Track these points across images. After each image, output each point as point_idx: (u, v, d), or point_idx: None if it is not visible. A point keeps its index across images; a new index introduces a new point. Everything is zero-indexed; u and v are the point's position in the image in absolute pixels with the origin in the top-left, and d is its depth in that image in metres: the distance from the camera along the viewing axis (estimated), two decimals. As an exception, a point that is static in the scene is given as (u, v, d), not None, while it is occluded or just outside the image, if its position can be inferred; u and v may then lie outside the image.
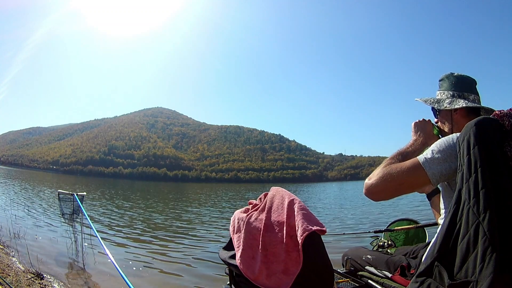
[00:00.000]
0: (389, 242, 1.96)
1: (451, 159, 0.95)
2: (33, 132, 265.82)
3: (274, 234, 1.10)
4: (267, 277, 1.06)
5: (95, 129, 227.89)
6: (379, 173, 1.02)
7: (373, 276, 1.49)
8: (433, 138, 1.21)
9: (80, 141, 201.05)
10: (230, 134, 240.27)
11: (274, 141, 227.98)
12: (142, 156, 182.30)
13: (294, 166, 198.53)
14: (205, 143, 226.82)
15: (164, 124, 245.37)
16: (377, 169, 1.06)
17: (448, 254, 0.81)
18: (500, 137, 0.85)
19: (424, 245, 1.49)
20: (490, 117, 0.91)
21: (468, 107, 1.20)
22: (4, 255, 4.36)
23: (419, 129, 1.26)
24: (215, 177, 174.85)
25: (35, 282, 3.35)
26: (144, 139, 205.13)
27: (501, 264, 0.71)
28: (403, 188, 0.99)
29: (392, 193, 1.01)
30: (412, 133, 1.26)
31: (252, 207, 1.27)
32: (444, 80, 1.30)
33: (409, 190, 1.01)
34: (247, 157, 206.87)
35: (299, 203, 1.11)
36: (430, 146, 1.06)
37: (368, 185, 1.03)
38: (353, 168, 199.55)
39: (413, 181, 0.98)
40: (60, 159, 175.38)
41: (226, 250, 1.26)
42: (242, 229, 1.18)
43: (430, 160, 0.97)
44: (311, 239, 1.02)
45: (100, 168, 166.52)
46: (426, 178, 0.96)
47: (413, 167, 0.98)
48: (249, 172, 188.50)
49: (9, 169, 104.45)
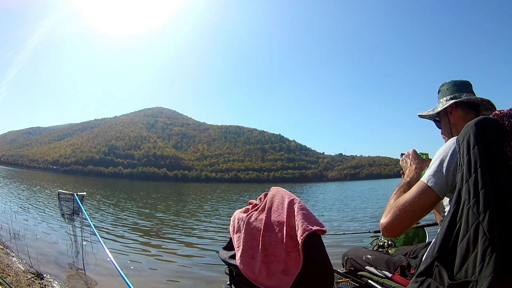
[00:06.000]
0: (389, 242, 1.96)
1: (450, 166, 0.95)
2: (33, 132, 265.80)
3: (274, 234, 1.10)
4: (267, 277, 1.06)
5: (95, 129, 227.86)
6: (391, 210, 1.01)
7: (373, 276, 1.49)
8: (425, 161, 1.23)
9: (80, 141, 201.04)
10: (230, 134, 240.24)
11: (274, 141, 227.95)
12: (142, 156, 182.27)
13: (294, 166, 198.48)
14: (205, 143, 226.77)
15: (164, 124, 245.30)
16: (386, 208, 1.05)
17: (448, 254, 0.81)
18: (500, 137, 0.85)
19: (424, 245, 1.50)
20: (490, 117, 0.91)
21: (462, 106, 1.25)
22: (4, 255, 4.36)
23: (407, 159, 1.28)
24: (215, 177, 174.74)
25: (35, 282, 3.35)
26: (144, 139, 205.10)
27: (501, 264, 0.71)
28: (418, 214, 0.98)
29: (409, 223, 1.00)
30: (404, 168, 1.28)
31: (252, 207, 1.27)
32: (440, 90, 1.37)
33: (425, 213, 1.00)
34: (247, 157, 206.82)
35: (299, 203, 1.12)
36: (425, 168, 1.07)
37: (385, 224, 1.01)
38: (353, 168, 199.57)
39: (425, 203, 0.96)
40: (60, 159, 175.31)
41: (226, 250, 1.26)
42: (242, 229, 1.18)
43: (434, 174, 0.96)
44: (311, 239, 1.02)
45: (100, 168, 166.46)
46: (435, 194, 0.95)
47: (421, 189, 0.97)
48: (249, 172, 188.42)
49: (9, 169, 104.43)
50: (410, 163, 1.25)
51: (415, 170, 1.19)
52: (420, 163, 1.22)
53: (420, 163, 1.22)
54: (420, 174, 1.14)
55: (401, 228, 1.01)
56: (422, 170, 1.17)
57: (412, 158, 1.26)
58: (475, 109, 1.28)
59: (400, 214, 0.98)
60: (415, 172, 1.19)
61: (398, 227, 1.00)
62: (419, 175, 1.15)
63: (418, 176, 1.15)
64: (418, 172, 1.18)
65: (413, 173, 1.19)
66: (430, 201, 0.96)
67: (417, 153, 1.28)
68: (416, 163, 1.22)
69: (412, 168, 1.22)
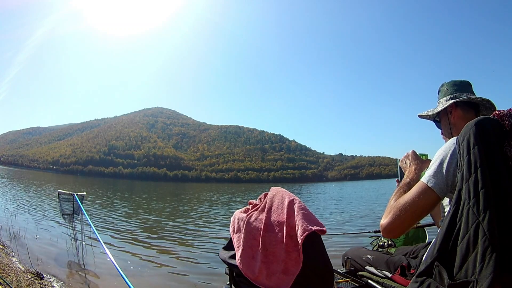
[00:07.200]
0: (389, 242, 1.97)
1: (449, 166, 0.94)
2: (33, 132, 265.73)
3: (274, 234, 1.10)
4: (267, 277, 1.06)
5: (95, 129, 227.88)
6: (391, 211, 1.01)
7: (373, 276, 1.49)
8: (425, 162, 1.22)
9: (80, 141, 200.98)
10: (230, 134, 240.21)
11: (274, 141, 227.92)
12: (142, 156, 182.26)
13: (294, 166, 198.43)
14: (205, 143, 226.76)
15: (164, 124, 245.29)
16: (386, 209, 1.04)
17: (448, 254, 0.81)
18: (500, 137, 0.85)
19: (424, 245, 1.49)
20: (490, 117, 0.91)
21: (462, 106, 1.25)
22: (4, 255, 4.36)
23: (407, 160, 1.27)
24: (215, 177, 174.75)
25: (35, 282, 3.35)
26: (144, 139, 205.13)
27: (501, 264, 0.71)
28: (419, 214, 0.98)
29: (409, 223, 0.99)
30: (403, 169, 1.27)
31: (252, 207, 1.27)
32: (440, 91, 1.37)
33: (425, 214, 1.00)
34: (247, 157, 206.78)
35: (299, 203, 1.12)
36: (425, 169, 1.06)
37: (385, 225, 1.01)
38: (353, 168, 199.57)
39: (426, 204, 0.96)
40: (60, 159, 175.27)
41: (226, 250, 1.26)
42: (242, 229, 1.18)
43: (434, 174, 0.96)
44: (311, 239, 1.02)
45: (100, 168, 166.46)
46: (435, 194, 0.94)
47: (421, 190, 0.97)
48: (249, 172, 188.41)
49: (9, 169, 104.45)
50: (410, 164, 1.25)
51: (415, 171, 1.19)
52: (419, 164, 1.22)
53: (420, 164, 1.22)
54: (420, 175, 1.14)
55: (401, 228, 1.00)
56: (421, 171, 1.17)
57: (411, 159, 1.26)
58: (475, 109, 1.28)
59: (400, 214, 0.98)
60: (415, 173, 1.19)
61: (398, 228, 1.00)
62: (418, 176, 1.15)
63: (417, 177, 1.15)
64: (417, 173, 1.18)
65: (413, 174, 1.18)
66: (430, 202, 0.96)
67: (416, 154, 1.28)
68: (416, 164, 1.22)
69: (411, 169, 1.21)
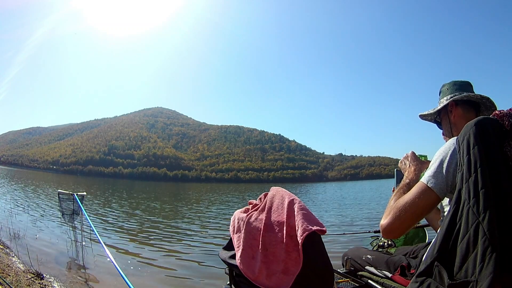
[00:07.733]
0: (389, 242, 1.96)
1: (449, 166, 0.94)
2: (33, 132, 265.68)
3: (274, 234, 1.10)
4: (267, 277, 1.06)
5: (95, 129, 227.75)
6: (391, 212, 1.00)
7: (373, 276, 1.49)
8: (424, 163, 1.22)
9: (80, 141, 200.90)
10: (230, 134, 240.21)
11: (274, 141, 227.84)
12: (142, 156, 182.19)
13: (294, 166, 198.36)
14: (205, 143, 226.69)
15: (164, 124, 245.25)
16: (386, 209, 1.04)
17: (448, 254, 0.81)
18: (500, 137, 0.85)
19: (424, 245, 1.50)
20: (490, 117, 0.91)
21: (462, 105, 1.26)
22: (4, 255, 4.36)
23: (406, 161, 1.28)
24: (215, 177, 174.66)
25: (35, 282, 3.35)
26: (144, 139, 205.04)
27: (501, 264, 0.71)
28: (418, 215, 0.97)
29: (409, 223, 0.99)
30: (403, 170, 1.28)
31: (252, 207, 1.27)
32: (441, 91, 1.38)
33: (425, 214, 0.99)
34: (247, 157, 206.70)
35: (299, 203, 1.12)
36: (424, 170, 1.06)
37: (385, 226, 1.00)
38: (353, 168, 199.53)
39: (425, 204, 0.95)
40: (60, 159, 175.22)
41: (226, 250, 1.26)
42: (242, 229, 1.18)
43: (433, 174, 0.95)
44: (311, 239, 1.02)
45: (100, 168, 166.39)
46: (435, 194, 0.94)
47: (421, 190, 0.96)
48: (249, 172, 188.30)
49: (9, 169, 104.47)
50: (409, 164, 1.25)
51: (414, 172, 1.20)
52: (419, 165, 1.22)
53: (419, 165, 1.22)
54: (419, 176, 1.14)
55: (401, 229, 1.00)
56: (421, 172, 1.17)
57: (411, 160, 1.26)
58: (476, 108, 1.29)
59: (400, 215, 0.97)
60: (414, 173, 1.19)
61: (398, 228, 1.00)
62: (418, 176, 1.15)
63: (417, 177, 1.15)
64: (417, 173, 1.18)
65: (412, 175, 1.19)
66: (430, 202, 0.95)
67: (415, 155, 1.28)
68: (415, 165, 1.22)
69: (411, 170, 1.22)
